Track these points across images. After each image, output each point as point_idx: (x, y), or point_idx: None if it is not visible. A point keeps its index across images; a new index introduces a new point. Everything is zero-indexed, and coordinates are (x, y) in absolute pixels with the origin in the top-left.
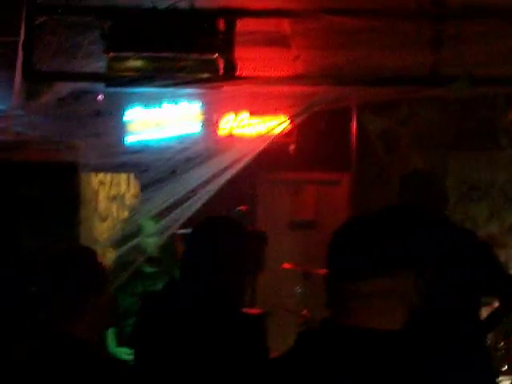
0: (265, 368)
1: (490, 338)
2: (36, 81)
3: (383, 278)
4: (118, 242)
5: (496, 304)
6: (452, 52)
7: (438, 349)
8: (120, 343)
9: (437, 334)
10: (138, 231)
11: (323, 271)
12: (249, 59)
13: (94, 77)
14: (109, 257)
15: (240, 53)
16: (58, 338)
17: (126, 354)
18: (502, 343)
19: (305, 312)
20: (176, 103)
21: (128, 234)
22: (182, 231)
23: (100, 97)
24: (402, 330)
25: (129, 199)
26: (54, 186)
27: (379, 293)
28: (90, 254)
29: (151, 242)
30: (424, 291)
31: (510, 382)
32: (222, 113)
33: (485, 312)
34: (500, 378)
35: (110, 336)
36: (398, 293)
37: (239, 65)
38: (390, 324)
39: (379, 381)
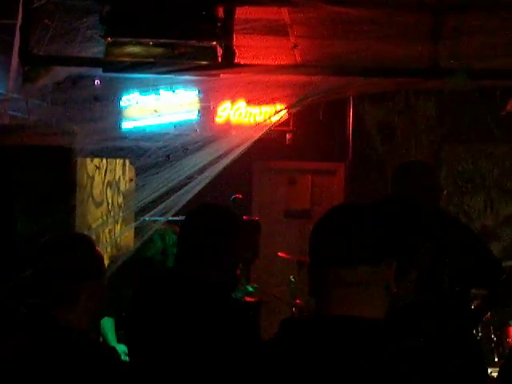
0: (256, 355)
1: (481, 330)
2: (33, 65)
3: (366, 266)
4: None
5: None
6: (451, 45)
7: (426, 338)
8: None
9: (425, 324)
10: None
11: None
12: (247, 47)
13: (92, 62)
14: (104, 242)
15: (238, 41)
16: (51, 325)
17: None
18: (493, 335)
19: (298, 301)
20: (173, 90)
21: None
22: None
23: (97, 82)
24: (385, 318)
25: (124, 185)
26: (50, 171)
27: (361, 281)
28: (85, 241)
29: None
30: (414, 281)
31: None
32: (219, 100)
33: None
34: (491, 370)
35: (109, 330)
36: (380, 281)
37: (237, 53)
38: (373, 312)
39: (361, 369)
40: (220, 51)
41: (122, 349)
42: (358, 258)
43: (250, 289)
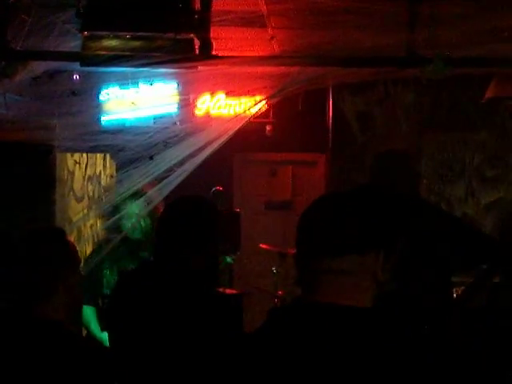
0: (238, 346)
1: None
2: (10, 60)
3: (353, 255)
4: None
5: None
6: (428, 33)
7: (410, 326)
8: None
9: (408, 312)
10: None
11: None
12: (225, 39)
13: (69, 56)
14: (85, 236)
15: (216, 33)
16: (28, 318)
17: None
18: None
19: (280, 292)
20: (151, 83)
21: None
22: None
23: (76, 76)
24: (372, 307)
25: (105, 179)
26: (28, 166)
27: (349, 270)
28: (60, 235)
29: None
30: (395, 269)
31: None
32: (198, 93)
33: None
34: None
35: (92, 319)
36: (367, 270)
37: (215, 45)
38: (360, 301)
39: (349, 358)
40: (197, 43)
41: (105, 337)
42: (346, 247)
43: (229, 259)
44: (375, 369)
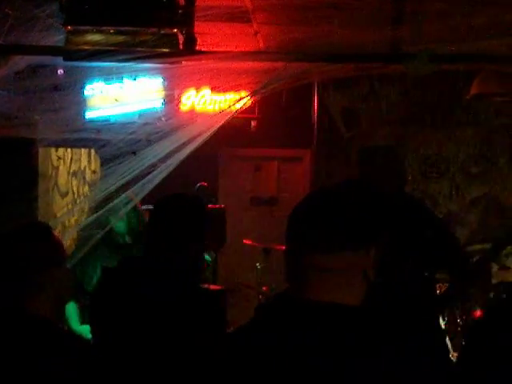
0: (224, 342)
1: (447, 314)
2: None
3: (344, 252)
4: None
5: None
6: (412, 29)
7: (393, 324)
8: (84, 321)
9: (392, 310)
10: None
11: (284, 247)
12: (209, 34)
13: (52, 50)
14: (69, 232)
15: (200, 28)
16: (17, 314)
17: (89, 331)
18: (459, 319)
19: (265, 288)
20: (135, 78)
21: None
22: (146, 207)
23: (60, 71)
24: (363, 304)
25: (90, 175)
26: (11, 162)
27: (340, 267)
28: (46, 230)
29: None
30: (380, 266)
31: None
32: (183, 89)
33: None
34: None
35: (73, 313)
36: (358, 267)
37: (199, 40)
38: (350, 299)
39: (337, 355)
40: (181, 38)
41: (86, 329)
42: (337, 245)
43: (207, 257)
44: (365, 367)
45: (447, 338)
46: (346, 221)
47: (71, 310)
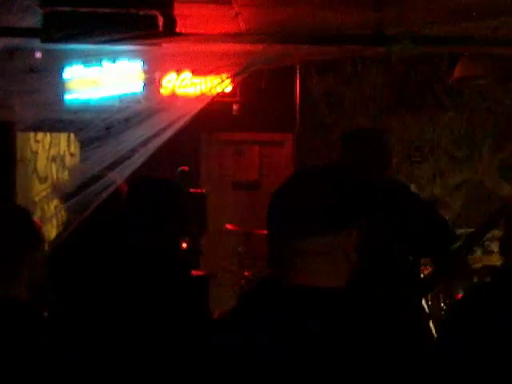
0: (207, 329)
1: (431, 299)
2: None
3: (326, 235)
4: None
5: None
6: (395, 11)
7: (376, 308)
8: None
9: (376, 293)
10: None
11: (266, 232)
12: (189, 16)
13: (29, 32)
14: (49, 217)
15: (180, 10)
16: None
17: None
18: (443, 304)
19: (247, 273)
20: (114, 61)
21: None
22: None
23: (38, 54)
24: (345, 287)
25: (69, 159)
26: None
27: (322, 250)
28: (23, 213)
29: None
30: (363, 248)
31: None
32: (163, 71)
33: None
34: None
35: None
36: (340, 250)
37: (179, 22)
38: (333, 281)
39: (323, 338)
40: (161, 20)
41: None
42: (319, 228)
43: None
44: (351, 350)
45: (430, 322)
46: (325, 204)
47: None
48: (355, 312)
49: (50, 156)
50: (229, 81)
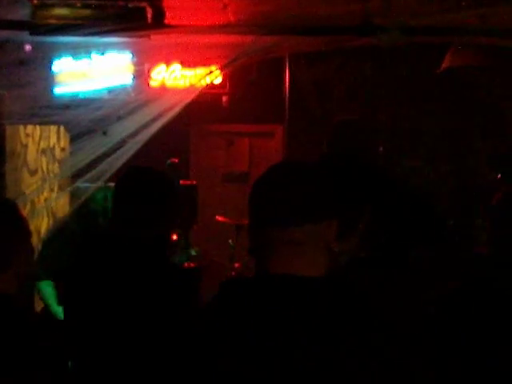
0: (197, 321)
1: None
2: None
3: (307, 225)
4: None
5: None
6: (383, 2)
7: (360, 294)
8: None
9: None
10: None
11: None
12: (178, 8)
13: (18, 25)
14: (39, 210)
15: (169, 1)
16: None
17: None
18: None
19: (237, 265)
20: (103, 53)
21: None
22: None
23: (27, 47)
24: (327, 276)
25: (59, 152)
26: None
27: (302, 240)
28: (11, 207)
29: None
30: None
31: None
32: (153, 63)
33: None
34: None
35: (50, 294)
36: (320, 239)
37: (168, 14)
38: (313, 270)
39: (303, 326)
40: (150, 12)
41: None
42: (300, 217)
43: (193, 252)
44: (334, 338)
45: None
46: (306, 193)
47: (49, 290)
48: (334, 301)
49: (40, 149)
50: (218, 72)
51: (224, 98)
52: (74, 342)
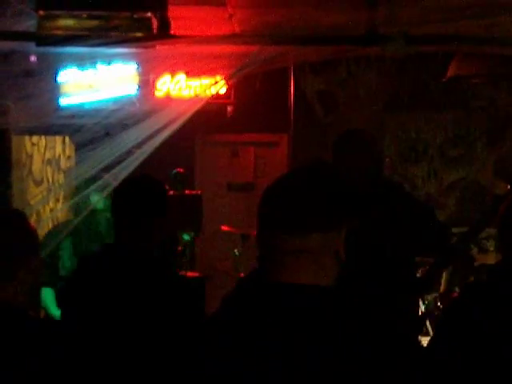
0: (202, 331)
1: (427, 298)
2: None
3: (316, 233)
4: None
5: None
6: (388, 11)
7: (367, 305)
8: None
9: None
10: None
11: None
12: (183, 18)
13: (24, 36)
14: (44, 220)
15: (174, 12)
16: None
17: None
18: (439, 302)
19: (242, 275)
20: (109, 63)
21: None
22: None
23: (33, 58)
24: (335, 285)
25: (64, 162)
26: None
27: (311, 248)
28: (20, 217)
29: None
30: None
31: None
32: (158, 74)
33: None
34: None
35: (50, 300)
36: (329, 249)
37: (173, 24)
38: (322, 280)
39: (312, 336)
40: (155, 23)
41: None
42: (310, 226)
43: (186, 237)
44: (338, 348)
45: (427, 322)
46: (315, 202)
47: (48, 296)
48: (341, 310)
49: (45, 159)
50: (223, 82)
51: (229, 108)
52: (79, 351)
